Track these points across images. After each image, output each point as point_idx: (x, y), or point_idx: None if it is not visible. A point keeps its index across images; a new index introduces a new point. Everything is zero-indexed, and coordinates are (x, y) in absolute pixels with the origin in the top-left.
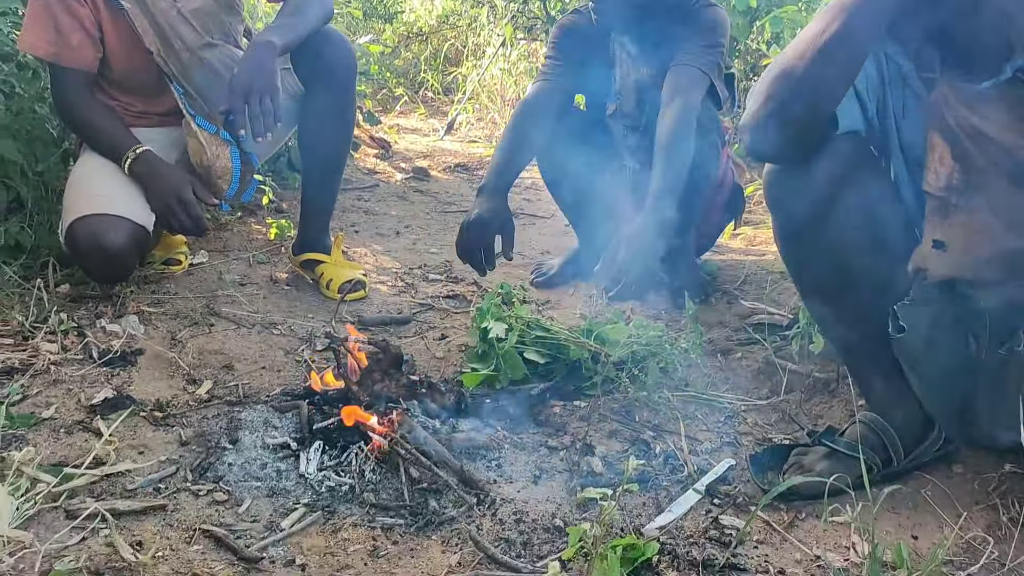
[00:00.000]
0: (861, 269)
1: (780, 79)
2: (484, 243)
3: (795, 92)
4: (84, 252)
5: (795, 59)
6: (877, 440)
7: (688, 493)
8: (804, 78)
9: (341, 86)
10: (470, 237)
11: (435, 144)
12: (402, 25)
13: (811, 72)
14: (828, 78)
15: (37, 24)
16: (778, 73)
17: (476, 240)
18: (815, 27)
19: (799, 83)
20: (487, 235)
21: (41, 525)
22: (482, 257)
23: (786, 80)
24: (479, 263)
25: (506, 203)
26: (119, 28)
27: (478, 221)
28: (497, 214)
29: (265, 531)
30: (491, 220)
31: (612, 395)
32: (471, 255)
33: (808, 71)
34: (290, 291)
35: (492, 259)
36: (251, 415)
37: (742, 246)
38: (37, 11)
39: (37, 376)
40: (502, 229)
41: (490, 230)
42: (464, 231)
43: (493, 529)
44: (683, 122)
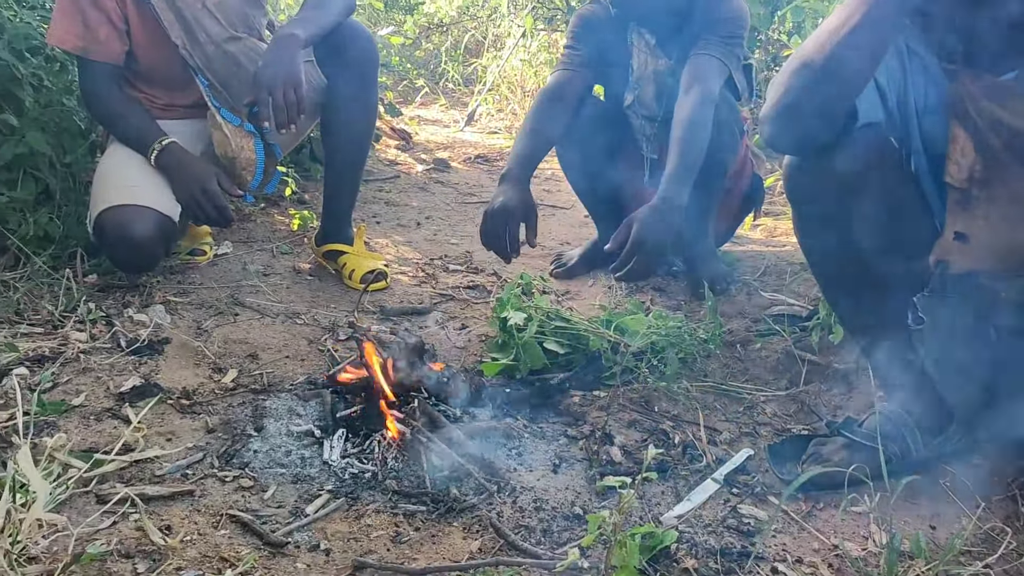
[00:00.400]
0: (881, 261)
1: (800, 70)
2: (508, 230)
3: (815, 84)
4: (112, 242)
5: (816, 50)
6: (896, 431)
7: (707, 482)
8: (824, 70)
9: (363, 78)
10: (494, 224)
11: (455, 135)
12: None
13: (831, 64)
14: (849, 70)
15: (66, 18)
16: (798, 64)
17: (500, 227)
18: (836, 18)
19: (819, 74)
20: (511, 222)
21: (73, 509)
22: (507, 244)
23: (806, 71)
24: (503, 250)
25: (529, 190)
26: (145, 21)
27: (502, 208)
28: (521, 201)
29: (290, 517)
30: (515, 207)
31: (631, 385)
32: (496, 242)
33: (828, 63)
34: (313, 281)
35: (516, 246)
36: (275, 403)
37: (762, 237)
38: (66, 5)
39: (67, 364)
40: (526, 216)
41: (514, 217)
42: (488, 218)
43: (513, 516)
44: (700, 110)
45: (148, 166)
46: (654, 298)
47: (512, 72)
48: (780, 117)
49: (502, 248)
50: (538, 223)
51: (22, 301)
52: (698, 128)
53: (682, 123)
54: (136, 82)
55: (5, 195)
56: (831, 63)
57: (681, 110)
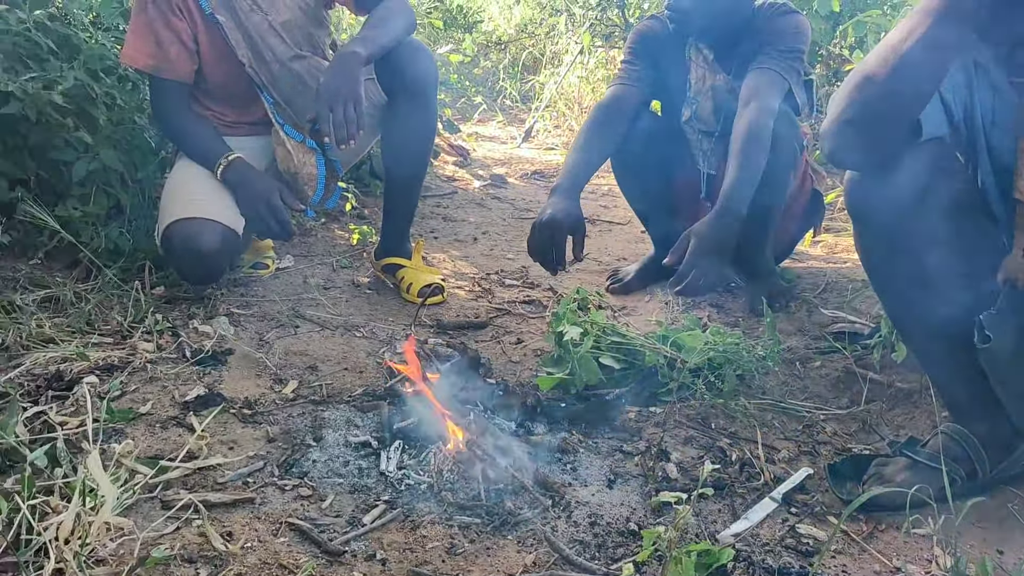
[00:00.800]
0: (945, 278)
1: (862, 86)
2: (555, 243)
3: (877, 99)
4: (178, 254)
5: (878, 65)
6: (961, 452)
7: (764, 501)
8: (886, 85)
9: (423, 96)
10: (542, 236)
11: (512, 151)
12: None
13: (894, 79)
14: (911, 85)
15: (138, 38)
16: (860, 80)
17: (547, 239)
18: (900, 32)
19: (881, 90)
20: (558, 235)
21: (139, 514)
22: (553, 257)
23: (868, 87)
24: (550, 262)
25: (578, 204)
26: (214, 41)
27: (550, 221)
28: (569, 214)
29: (347, 526)
30: (563, 220)
31: (687, 402)
32: (542, 254)
33: (891, 78)
34: (371, 295)
35: (563, 259)
36: (334, 414)
37: (823, 254)
38: (139, 26)
39: (135, 373)
40: (574, 230)
41: (562, 230)
42: (536, 230)
43: (568, 531)
44: (759, 124)
45: (214, 181)
46: (711, 314)
47: (569, 89)
48: (841, 132)
49: (548, 260)
50: (594, 238)
51: (93, 312)
52: (757, 142)
53: (741, 137)
54: (204, 100)
55: (79, 209)
56: (894, 77)
57: (740, 124)
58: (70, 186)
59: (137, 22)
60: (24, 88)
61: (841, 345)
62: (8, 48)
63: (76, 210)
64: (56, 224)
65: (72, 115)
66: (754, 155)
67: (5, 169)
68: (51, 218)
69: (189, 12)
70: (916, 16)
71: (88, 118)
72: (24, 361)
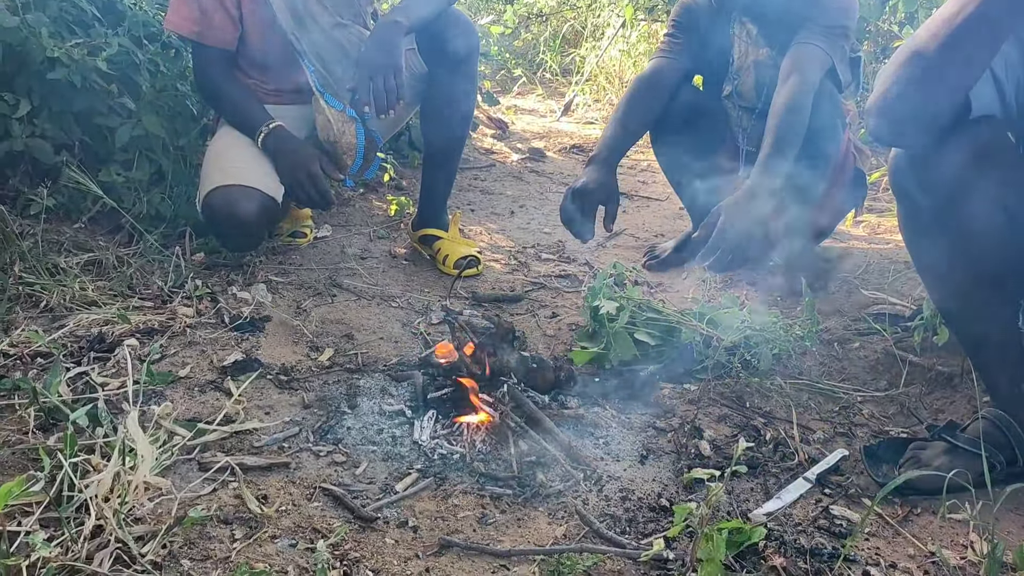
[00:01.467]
0: (991, 261)
1: (911, 61)
2: (585, 210)
3: (927, 75)
4: (218, 220)
5: (928, 40)
6: (1002, 438)
7: (798, 481)
8: (937, 61)
9: (463, 67)
10: (573, 203)
11: (551, 125)
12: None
13: (944, 55)
14: (962, 61)
15: (183, 4)
16: (909, 55)
17: (578, 207)
18: (951, 7)
19: (931, 66)
20: (589, 203)
21: (176, 475)
22: (581, 224)
23: (918, 62)
24: (579, 229)
25: (614, 175)
26: (257, 8)
27: (583, 189)
28: (602, 184)
29: (380, 493)
30: (596, 189)
31: (723, 380)
32: (572, 221)
33: (941, 53)
34: (408, 266)
35: (591, 227)
36: (369, 382)
37: (865, 234)
38: None
39: (174, 338)
40: (606, 200)
41: (593, 198)
42: (567, 197)
43: (599, 505)
44: (798, 98)
45: (255, 149)
46: (749, 293)
47: (610, 62)
48: (888, 109)
49: (577, 227)
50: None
51: (134, 276)
52: (794, 116)
53: (778, 111)
54: (246, 68)
55: (122, 175)
56: (945, 53)
57: (778, 99)
58: (113, 152)
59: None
60: (70, 54)
61: (881, 327)
62: (55, 14)
63: (119, 176)
64: (99, 190)
65: (116, 81)
66: (791, 131)
67: (51, 134)
68: (94, 184)
69: None
70: None
71: (132, 84)
72: (68, 323)
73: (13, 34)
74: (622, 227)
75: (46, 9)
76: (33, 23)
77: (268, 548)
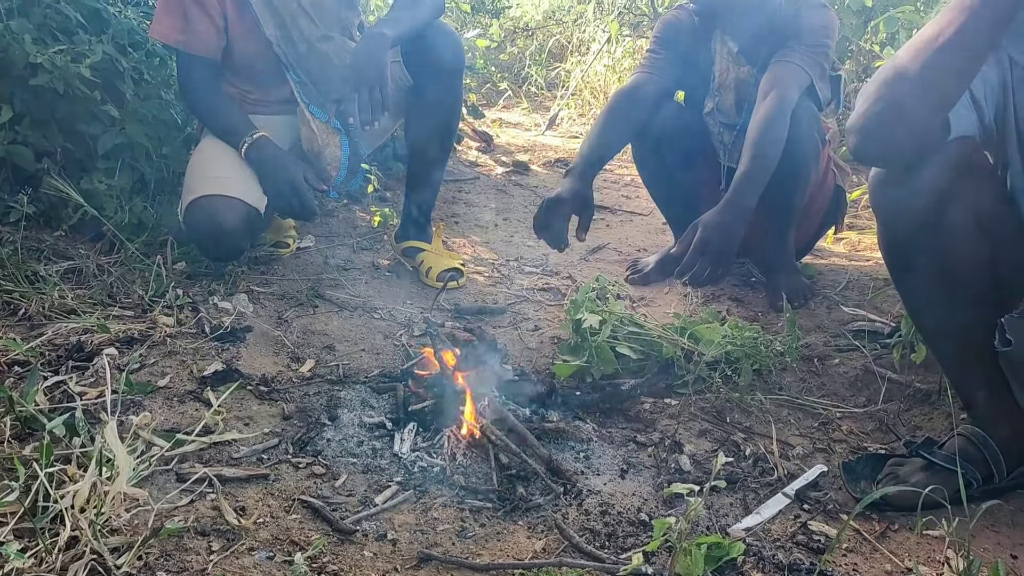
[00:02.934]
0: (968, 279)
1: (892, 81)
2: (559, 221)
3: (907, 95)
4: (200, 230)
5: (909, 61)
6: (978, 455)
7: (777, 496)
8: (917, 81)
9: (448, 80)
10: (547, 214)
11: (536, 139)
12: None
13: (925, 76)
14: (942, 82)
15: (168, 13)
16: (890, 75)
17: (551, 216)
18: (932, 28)
19: (912, 86)
20: (564, 212)
21: (154, 486)
22: (555, 234)
23: (898, 82)
24: (552, 239)
25: (589, 186)
26: (242, 18)
27: (557, 199)
28: (577, 194)
29: (359, 505)
30: (570, 199)
31: (703, 395)
32: (545, 230)
33: (921, 74)
34: (391, 277)
35: (564, 237)
36: (350, 394)
37: (845, 251)
38: (168, 1)
39: (154, 347)
40: (580, 209)
41: (567, 208)
42: (542, 207)
43: (578, 519)
44: (775, 116)
45: (238, 159)
46: (731, 308)
47: (596, 77)
48: (868, 128)
49: (550, 237)
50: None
51: (115, 285)
52: (772, 133)
53: (756, 128)
54: (231, 77)
55: (104, 183)
56: (924, 74)
57: (756, 116)
58: (95, 159)
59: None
60: (53, 60)
61: (860, 343)
62: (39, 20)
63: (101, 183)
64: (80, 197)
65: (99, 89)
66: (768, 147)
67: (32, 141)
68: (76, 191)
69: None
70: (950, 12)
71: (115, 92)
72: (46, 331)
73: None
74: (605, 241)
75: (30, 15)
76: (16, 29)
77: (245, 560)
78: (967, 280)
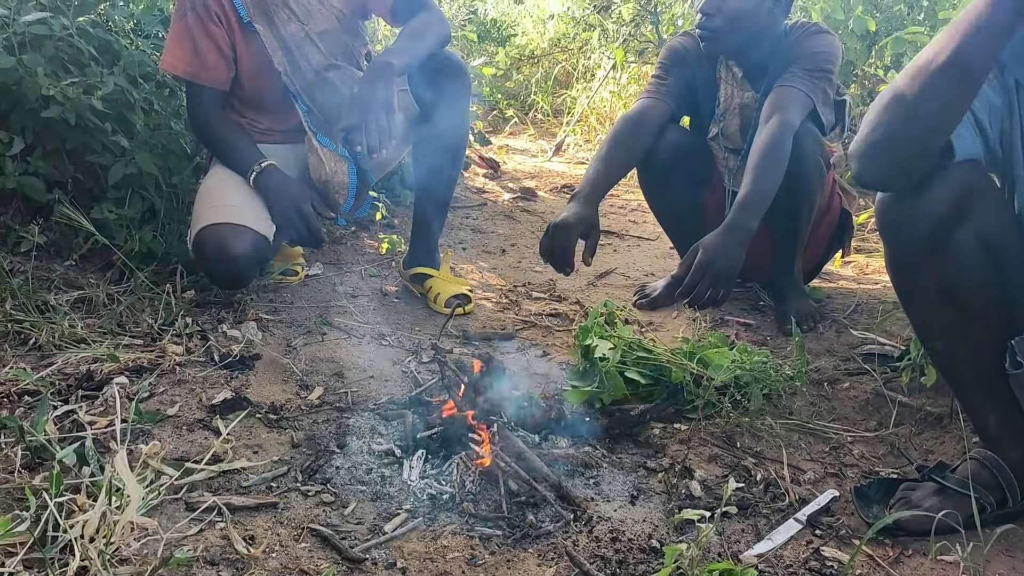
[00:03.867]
0: (977, 302)
1: (890, 106)
2: (565, 245)
3: (905, 120)
4: (210, 258)
5: (905, 86)
6: (991, 479)
7: (789, 522)
8: (915, 106)
9: (455, 107)
10: (553, 238)
11: (543, 165)
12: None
13: (922, 100)
14: (940, 105)
15: (178, 45)
16: (888, 100)
17: (557, 241)
18: (929, 51)
19: (909, 111)
20: (570, 236)
21: (163, 515)
22: (562, 259)
23: (896, 107)
24: (558, 263)
25: (595, 210)
26: (251, 49)
27: (563, 224)
28: (582, 219)
29: (368, 533)
30: (576, 223)
31: (713, 419)
32: (551, 255)
33: (919, 99)
34: (399, 304)
35: (571, 261)
36: (359, 421)
37: (854, 274)
38: (178, 33)
39: (163, 376)
40: (586, 233)
41: (573, 233)
42: (548, 231)
43: (589, 546)
44: (776, 140)
45: (246, 188)
46: (739, 332)
47: (601, 104)
48: (868, 154)
49: (557, 261)
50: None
51: (124, 314)
52: (773, 157)
53: (757, 151)
54: (239, 107)
55: (114, 212)
56: (921, 99)
57: (758, 139)
58: (106, 189)
59: (176, 29)
60: (65, 93)
61: (870, 367)
62: (51, 53)
63: (111, 213)
64: (91, 226)
65: (110, 120)
66: (769, 170)
67: (43, 171)
68: (86, 220)
69: (227, 20)
70: (946, 34)
71: (125, 123)
72: (56, 360)
73: (9, 74)
74: (612, 266)
75: (42, 49)
76: (29, 63)
77: None
78: (976, 302)
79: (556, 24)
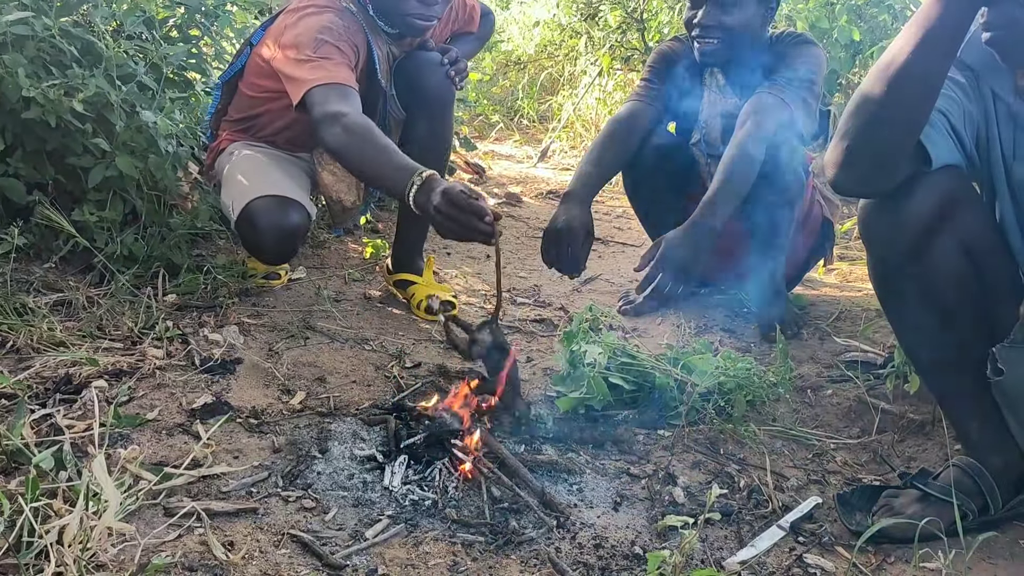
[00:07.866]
0: (959, 308)
1: (857, 112)
2: (575, 250)
3: (872, 124)
4: (263, 228)
5: (868, 89)
6: (973, 486)
7: (772, 529)
8: (879, 108)
9: (440, 112)
10: (556, 241)
11: (528, 171)
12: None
13: (886, 102)
14: (905, 106)
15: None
16: (853, 108)
17: (563, 244)
18: (887, 55)
19: (875, 114)
20: (574, 238)
21: (141, 520)
22: (568, 262)
23: (862, 112)
24: (566, 267)
25: (590, 211)
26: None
27: (566, 226)
28: (584, 223)
29: (349, 540)
30: (579, 228)
31: (697, 426)
32: (557, 258)
33: (883, 101)
34: (382, 309)
35: (579, 262)
36: (341, 427)
37: (837, 281)
38: (333, 53)
39: (143, 380)
40: (586, 234)
41: (577, 234)
42: (550, 236)
43: (572, 552)
44: (749, 143)
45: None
46: (723, 339)
47: (587, 110)
48: (840, 160)
49: (563, 265)
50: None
51: (104, 317)
52: (743, 160)
53: (729, 155)
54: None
55: (95, 215)
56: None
57: (731, 143)
58: (86, 191)
59: (329, 49)
60: (46, 94)
61: (853, 374)
62: (33, 53)
63: (92, 215)
64: (72, 228)
65: (91, 121)
66: (738, 172)
67: (24, 173)
68: (67, 222)
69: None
70: (903, 34)
71: (106, 124)
72: (34, 363)
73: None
74: (597, 272)
75: (23, 49)
76: (10, 63)
77: None
78: (957, 310)
79: (542, 30)
